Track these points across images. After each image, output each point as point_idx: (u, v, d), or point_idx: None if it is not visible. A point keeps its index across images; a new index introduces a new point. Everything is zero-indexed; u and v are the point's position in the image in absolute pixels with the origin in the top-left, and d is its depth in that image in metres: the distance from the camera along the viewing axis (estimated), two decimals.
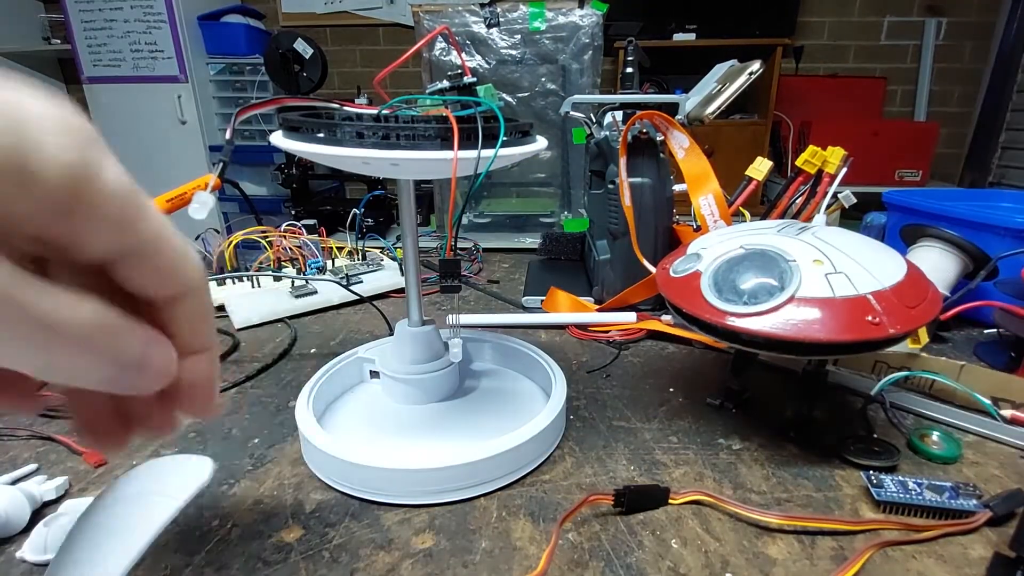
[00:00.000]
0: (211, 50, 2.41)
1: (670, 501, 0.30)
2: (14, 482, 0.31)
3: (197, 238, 0.72)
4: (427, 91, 0.36)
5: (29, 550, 0.27)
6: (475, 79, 0.36)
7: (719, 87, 0.55)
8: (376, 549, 0.28)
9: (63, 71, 2.87)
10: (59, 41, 2.59)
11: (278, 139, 0.31)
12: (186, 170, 2.39)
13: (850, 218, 0.63)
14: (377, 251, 0.75)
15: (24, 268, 0.14)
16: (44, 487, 0.31)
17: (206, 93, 2.44)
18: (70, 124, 0.15)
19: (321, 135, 0.29)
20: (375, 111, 0.32)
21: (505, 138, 0.30)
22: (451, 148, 0.28)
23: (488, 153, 0.29)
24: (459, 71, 0.36)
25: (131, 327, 0.16)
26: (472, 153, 0.29)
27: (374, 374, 0.43)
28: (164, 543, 0.28)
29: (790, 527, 0.28)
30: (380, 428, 0.39)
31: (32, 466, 0.34)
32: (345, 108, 0.34)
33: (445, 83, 0.36)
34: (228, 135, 0.31)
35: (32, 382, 0.18)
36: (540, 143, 0.34)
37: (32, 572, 0.26)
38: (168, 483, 0.23)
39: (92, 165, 0.15)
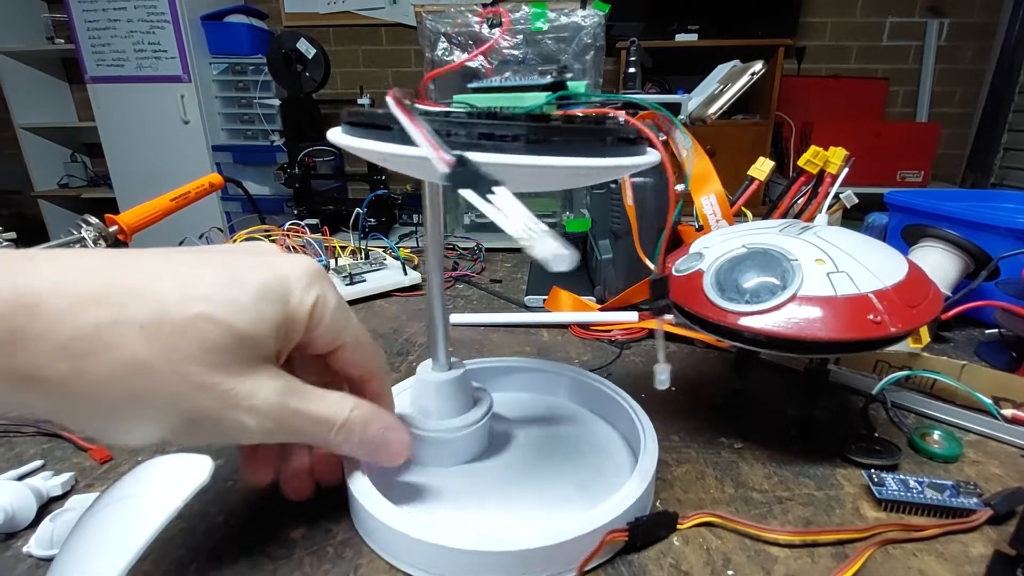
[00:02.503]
0: (214, 50, 2.41)
1: (679, 527, 0.29)
2: (21, 478, 0.32)
3: (201, 236, 0.72)
4: (487, 83, 0.31)
5: (35, 545, 0.27)
6: (571, 74, 0.31)
7: (721, 87, 0.55)
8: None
9: (67, 71, 2.88)
10: (63, 41, 2.61)
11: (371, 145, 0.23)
12: (189, 169, 2.40)
13: (852, 218, 0.63)
14: (380, 250, 0.76)
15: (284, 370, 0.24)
16: (50, 483, 0.31)
17: (209, 93, 2.45)
18: (311, 272, 0.24)
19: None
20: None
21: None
22: (612, 154, 0.23)
23: (639, 160, 0.24)
24: (560, 66, 0.30)
25: (378, 415, 0.27)
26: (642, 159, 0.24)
27: None
28: (170, 538, 0.28)
29: (800, 542, 0.28)
30: (434, 486, 0.32)
31: (38, 462, 0.34)
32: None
33: (543, 77, 0.30)
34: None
35: (273, 457, 0.28)
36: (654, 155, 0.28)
37: (38, 567, 0.27)
38: (169, 481, 0.23)
39: (326, 294, 0.24)
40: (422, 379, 0.32)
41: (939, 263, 0.50)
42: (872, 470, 0.32)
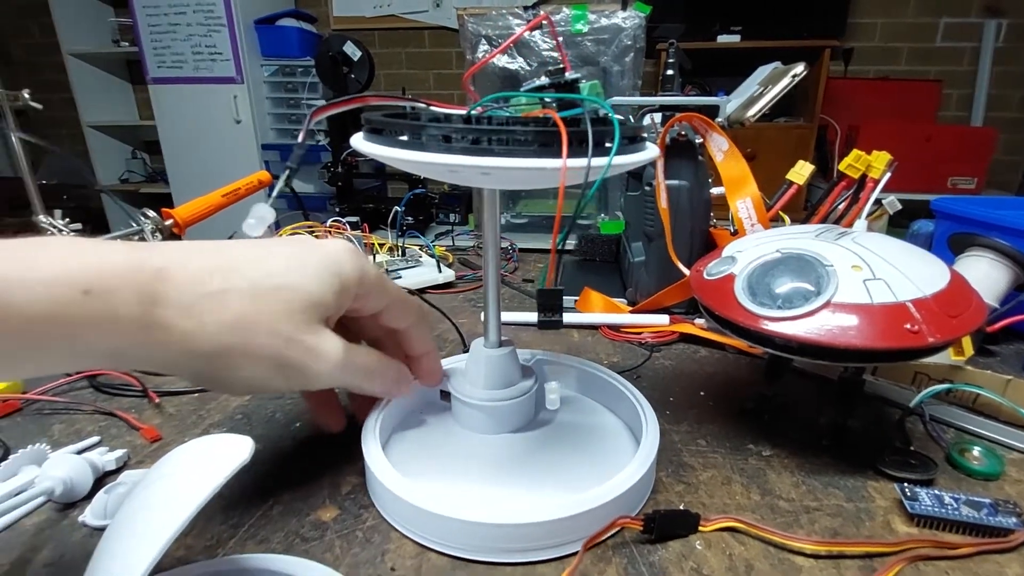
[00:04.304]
0: (266, 52, 2.50)
1: (700, 528, 0.29)
2: (79, 452, 0.34)
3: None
4: (523, 88, 0.33)
5: (90, 515, 0.30)
6: (579, 75, 0.32)
7: (761, 90, 0.54)
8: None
9: (130, 72, 3.03)
10: (127, 44, 2.74)
11: (358, 142, 0.28)
12: (240, 167, 2.49)
13: (897, 226, 0.61)
14: (416, 248, 0.77)
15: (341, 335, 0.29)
16: (106, 458, 0.33)
17: (260, 94, 2.55)
18: (351, 249, 0.29)
19: (404, 138, 0.26)
20: (463, 111, 0.29)
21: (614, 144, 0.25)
22: (553, 155, 0.24)
23: (600, 162, 0.25)
24: (560, 66, 0.32)
25: (391, 364, 0.33)
26: (578, 162, 0.24)
27: (443, 394, 0.38)
28: (211, 515, 0.30)
29: (825, 552, 0.28)
30: (451, 463, 0.35)
31: (95, 438, 0.37)
32: (432, 108, 0.31)
33: (544, 79, 0.32)
34: (301, 137, 0.29)
35: (338, 403, 0.36)
36: (652, 151, 0.29)
37: (92, 535, 0.29)
38: (212, 460, 0.25)
39: (366, 266, 0.30)
40: (474, 353, 0.36)
41: (987, 273, 0.48)
42: (906, 484, 0.31)
